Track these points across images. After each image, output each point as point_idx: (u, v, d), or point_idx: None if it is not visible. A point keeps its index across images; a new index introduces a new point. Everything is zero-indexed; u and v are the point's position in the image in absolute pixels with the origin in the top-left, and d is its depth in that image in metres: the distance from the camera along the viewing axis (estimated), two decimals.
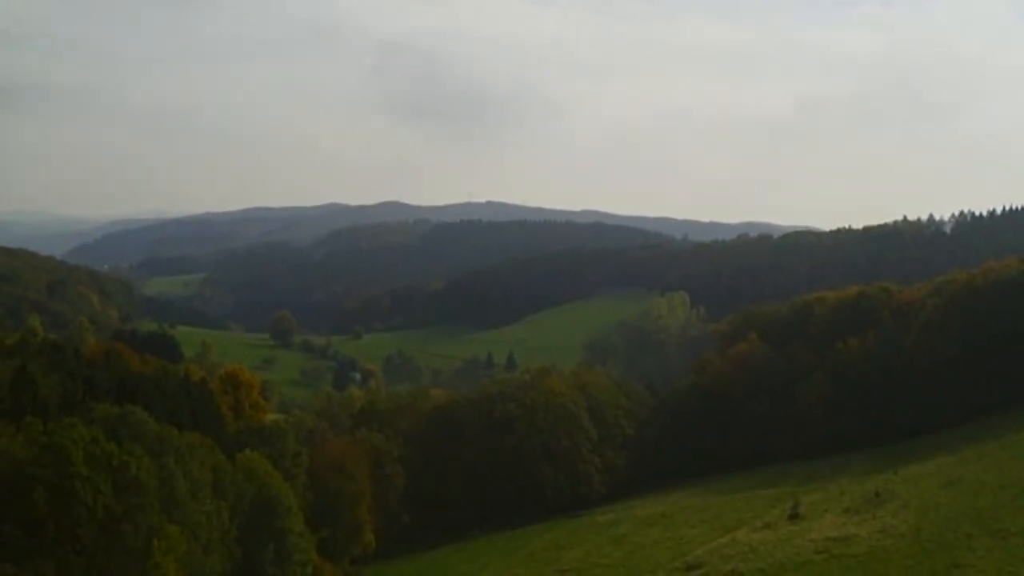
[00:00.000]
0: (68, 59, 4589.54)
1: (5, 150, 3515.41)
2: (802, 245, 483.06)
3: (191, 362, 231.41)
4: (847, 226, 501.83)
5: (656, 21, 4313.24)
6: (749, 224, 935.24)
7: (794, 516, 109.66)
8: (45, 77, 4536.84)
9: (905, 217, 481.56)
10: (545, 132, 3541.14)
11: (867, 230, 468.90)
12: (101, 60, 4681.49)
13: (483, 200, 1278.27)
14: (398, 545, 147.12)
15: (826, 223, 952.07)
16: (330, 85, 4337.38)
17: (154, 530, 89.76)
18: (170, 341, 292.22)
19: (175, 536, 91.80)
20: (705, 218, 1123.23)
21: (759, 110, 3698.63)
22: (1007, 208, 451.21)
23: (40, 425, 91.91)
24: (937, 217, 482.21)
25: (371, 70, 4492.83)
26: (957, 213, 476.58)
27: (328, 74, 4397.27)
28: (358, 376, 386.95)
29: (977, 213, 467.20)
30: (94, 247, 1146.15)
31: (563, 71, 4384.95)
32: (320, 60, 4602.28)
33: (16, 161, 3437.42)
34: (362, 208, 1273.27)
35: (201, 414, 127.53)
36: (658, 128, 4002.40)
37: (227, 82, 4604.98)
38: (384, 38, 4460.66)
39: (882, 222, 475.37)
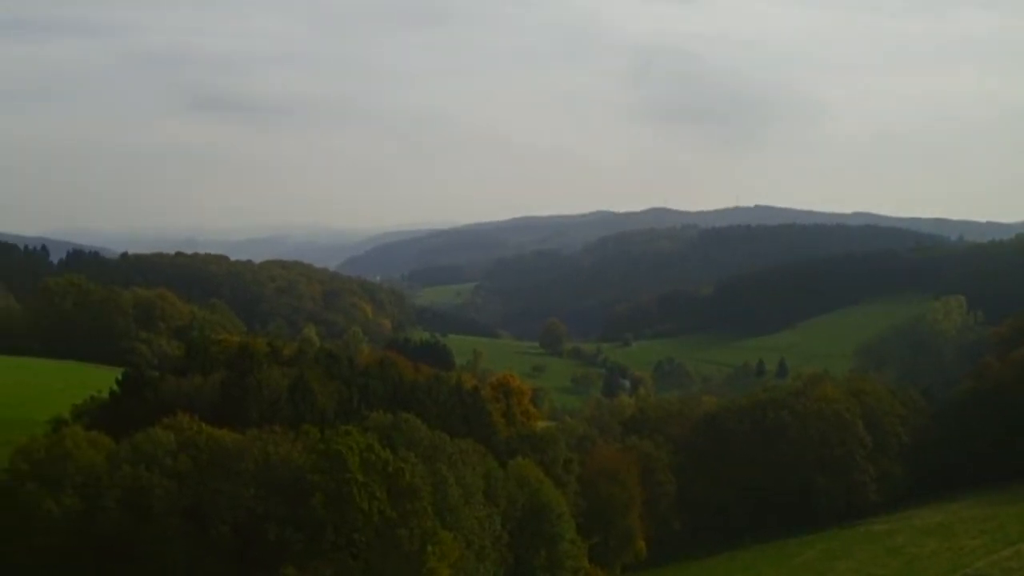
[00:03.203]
0: (333, 75, 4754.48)
1: (278, 165, 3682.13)
2: None
3: (463, 370, 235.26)
4: None
5: (920, 14, 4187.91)
6: None
7: None
8: (314, 93, 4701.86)
9: None
10: (812, 132, 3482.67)
11: None
12: (367, 75, 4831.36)
13: (751, 204, 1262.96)
14: (669, 553, 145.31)
15: None
16: (590, 92, 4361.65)
17: (428, 535, 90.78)
18: (442, 349, 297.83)
19: (449, 542, 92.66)
20: (982, 217, 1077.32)
21: None
22: None
23: (318, 432, 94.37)
24: None
25: (630, 76, 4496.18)
26: None
27: (587, 81, 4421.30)
28: (627, 383, 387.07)
29: None
30: (366, 258, 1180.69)
31: (828, 69, 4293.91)
32: (578, 67, 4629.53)
33: (289, 176, 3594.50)
34: (630, 215, 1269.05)
35: (473, 421, 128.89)
36: (929, 124, 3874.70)
37: (489, 93, 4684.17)
38: (641, 43, 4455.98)
39: None
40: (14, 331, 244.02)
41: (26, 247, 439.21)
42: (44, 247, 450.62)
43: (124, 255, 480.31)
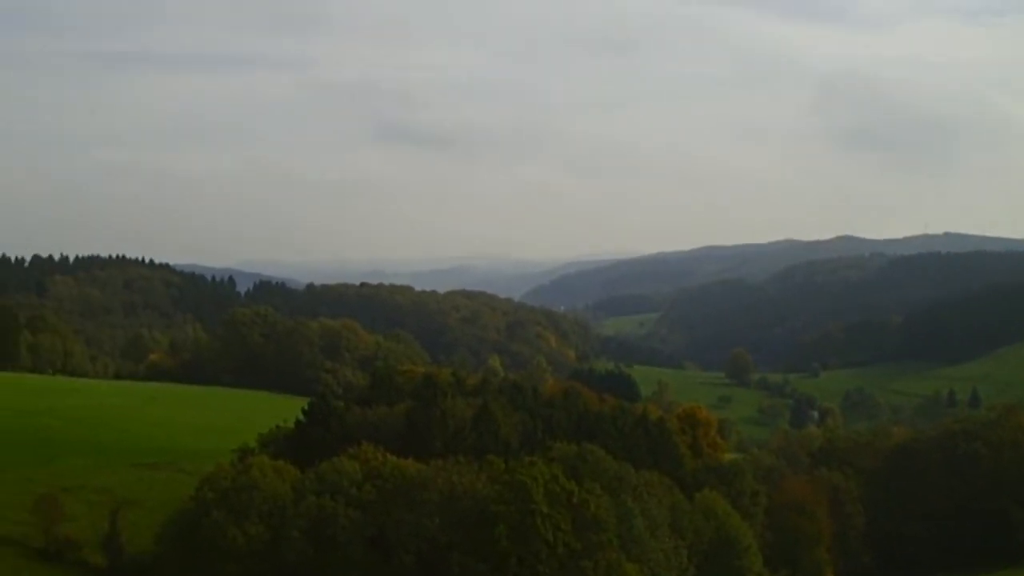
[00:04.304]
0: (514, 104, 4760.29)
1: (462, 196, 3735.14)
2: None
3: (648, 401, 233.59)
4: None
5: None
6: None
7: None
8: (496, 123, 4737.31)
9: None
10: (1003, 157, 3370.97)
11: None
12: (548, 104, 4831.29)
13: (940, 231, 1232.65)
14: None
15: None
16: (775, 119, 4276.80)
17: (613, 568, 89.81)
18: (626, 380, 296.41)
19: (634, 574, 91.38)
20: None
21: None
22: None
23: (502, 463, 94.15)
24: None
25: (816, 102, 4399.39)
26: None
27: (772, 108, 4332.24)
28: (816, 414, 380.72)
29: None
30: (550, 288, 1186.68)
31: (1018, 91, 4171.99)
32: (764, 95, 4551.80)
33: (473, 206, 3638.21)
34: (816, 243, 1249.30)
35: (659, 452, 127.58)
36: None
37: (672, 122, 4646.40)
38: (826, 69, 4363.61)
39: None
40: (203, 361, 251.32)
41: (214, 278, 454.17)
42: (231, 278, 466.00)
43: (310, 286, 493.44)
